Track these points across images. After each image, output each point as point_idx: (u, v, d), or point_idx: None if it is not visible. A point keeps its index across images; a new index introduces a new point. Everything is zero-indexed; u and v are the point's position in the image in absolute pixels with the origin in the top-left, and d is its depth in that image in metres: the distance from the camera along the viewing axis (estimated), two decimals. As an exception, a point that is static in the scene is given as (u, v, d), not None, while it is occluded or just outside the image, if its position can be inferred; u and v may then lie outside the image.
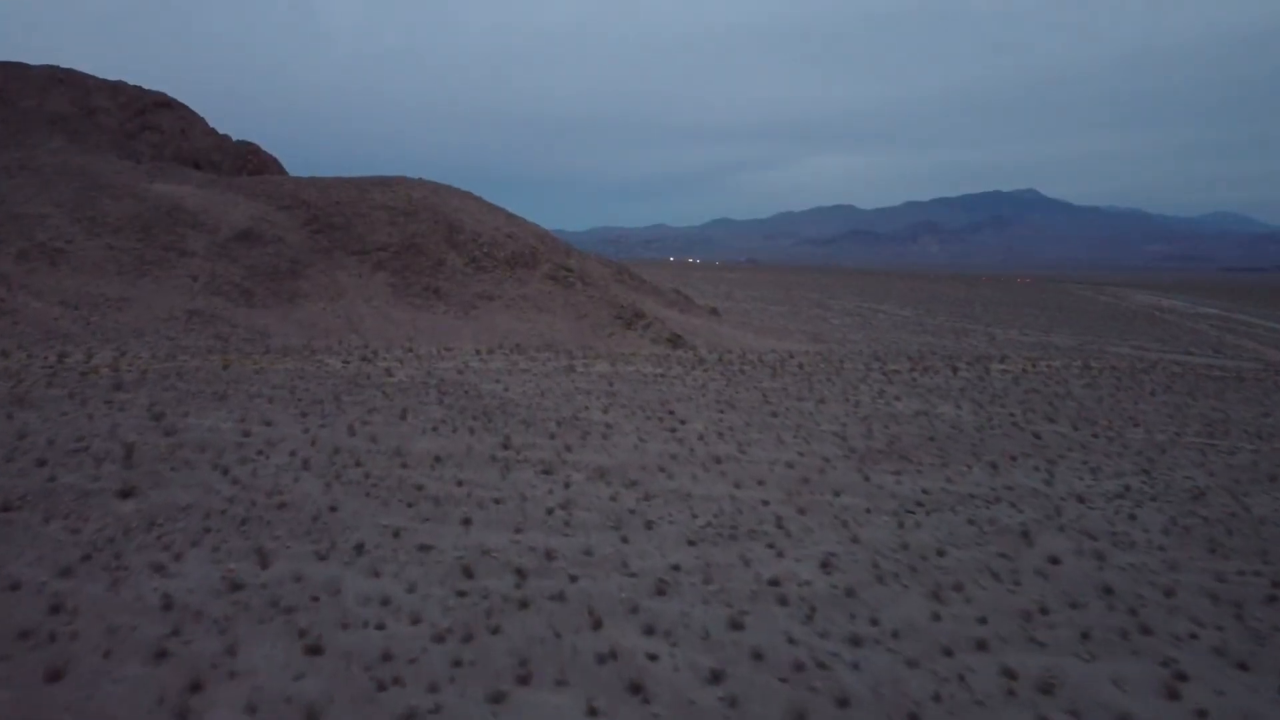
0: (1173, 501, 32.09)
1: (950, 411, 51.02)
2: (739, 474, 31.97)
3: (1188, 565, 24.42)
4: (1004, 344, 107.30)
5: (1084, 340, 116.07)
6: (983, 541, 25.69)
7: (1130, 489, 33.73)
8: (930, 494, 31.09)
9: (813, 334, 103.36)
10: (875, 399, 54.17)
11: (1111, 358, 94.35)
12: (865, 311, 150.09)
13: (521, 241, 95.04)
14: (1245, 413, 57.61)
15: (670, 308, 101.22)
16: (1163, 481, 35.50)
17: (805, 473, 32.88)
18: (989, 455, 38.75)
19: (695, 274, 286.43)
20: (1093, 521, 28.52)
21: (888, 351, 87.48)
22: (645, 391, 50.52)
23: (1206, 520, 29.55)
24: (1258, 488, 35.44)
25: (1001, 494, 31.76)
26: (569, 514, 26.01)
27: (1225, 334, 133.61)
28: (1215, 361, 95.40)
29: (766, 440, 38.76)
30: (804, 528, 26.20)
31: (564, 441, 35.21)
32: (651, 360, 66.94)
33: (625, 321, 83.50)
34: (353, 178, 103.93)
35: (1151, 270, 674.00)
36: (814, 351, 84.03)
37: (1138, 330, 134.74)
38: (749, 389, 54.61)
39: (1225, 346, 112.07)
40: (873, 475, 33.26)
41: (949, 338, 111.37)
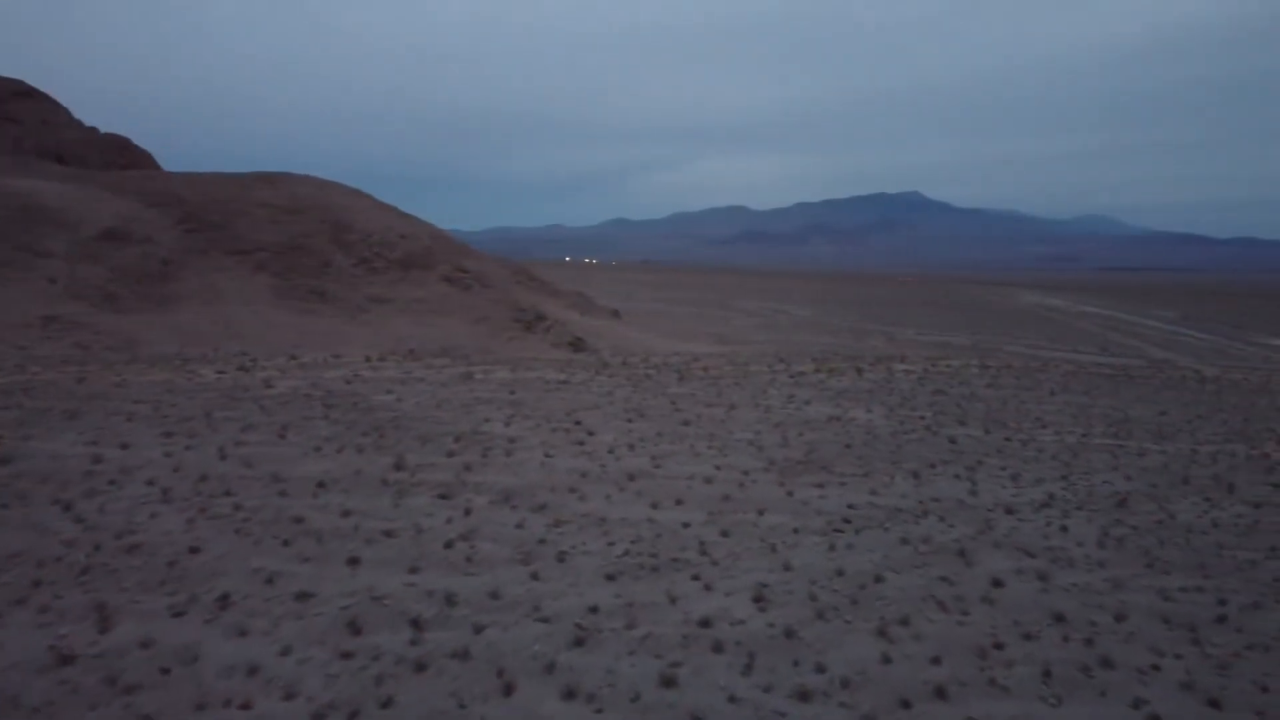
0: (1099, 510, 31.14)
1: (863, 416, 49.84)
2: (655, 492, 29.64)
3: (1131, 583, 23.16)
4: (903, 344, 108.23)
5: (979, 339, 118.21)
6: (920, 563, 23.95)
7: (1055, 497, 32.71)
8: (857, 509, 29.35)
9: (717, 335, 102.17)
10: (786, 403, 52.69)
11: (1007, 356, 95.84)
12: (767, 312, 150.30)
13: (415, 242, 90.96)
14: (1143, 411, 58.30)
15: (571, 310, 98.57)
16: (1084, 488, 34.68)
17: (725, 488, 30.78)
18: (909, 463, 37.41)
19: (595, 274, 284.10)
20: (1026, 536, 27.18)
21: (792, 353, 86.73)
22: (549, 400, 47.82)
23: (1136, 530, 28.59)
24: (1175, 492, 34.94)
25: (929, 506, 30.26)
26: (471, 547, 23.21)
27: (1109, 332, 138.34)
28: (1104, 360, 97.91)
29: (680, 452, 36.57)
30: (730, 553, 24.02)
31: (464, 460, 32.28)
32: (554, 365, 64.20)
33: (526, 325, 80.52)
34: (233, 174, 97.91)
35: (1030, 270, 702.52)
36: (719, 354, 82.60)
37: (1029, 329, 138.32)
38: (657, 395, 52.43)
39: (1111, 344, 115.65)
40: (795, 489, 31.38)
41: (849, 338, 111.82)
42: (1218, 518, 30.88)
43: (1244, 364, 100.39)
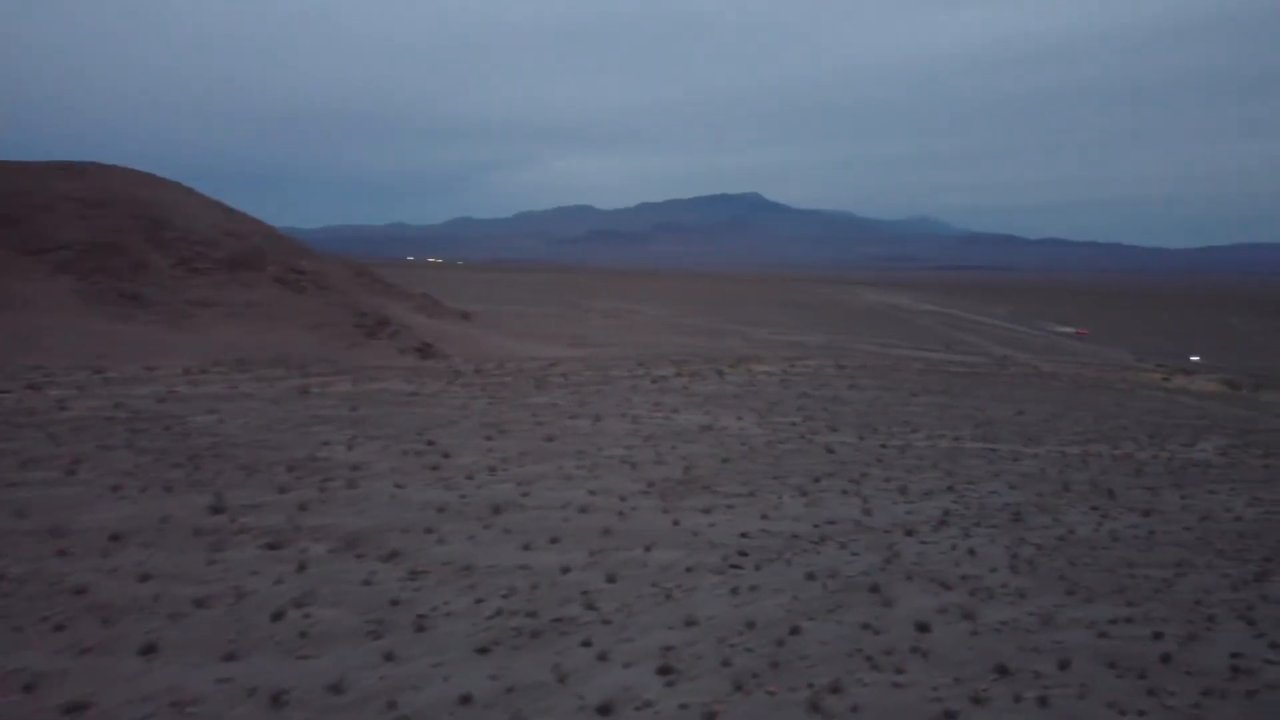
0: (997, 526, 29.46)
1: (735, 424, 47.46)
2: (526, 528, 25.90)
3: (1059, 617, 21.13)
4: (758, 343, 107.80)
5: (831, 338, 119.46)
6: (834, 605, 21.20)
7: (949, 513, 30.91)
8: (751, 538, 26.49)
9: (573, 337, 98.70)
10: (654, 412, 49.77)
11: (860, 355, 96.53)
12: (621, 312, 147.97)
13: (245, 240, 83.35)
14: (1002, 411, 58.54)
15: (419, 313, 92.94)
16: (974, 500, 33.12)
17: (604, 519, 27.34)
18: (793, 478, 35.02)
19: (442, 275, 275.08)
20: (936, 563, 24.96)
21: (651, 355, 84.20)
22: (398, 416, 43.14)
23: (1041, 549, 26.93)
24: (1062, 501, 33.88)
25: (826, 531, 27.75)
26: (307, 616, 18.88)
27: (951, 329, 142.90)
28: (952, 357, 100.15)
29: (549, 475, 32.89)
30: (622, 605, 20.59)
31: (298, 497, 27.58)
32: (401, 374, 59.13)
33: (368, 330, 74.71)
34: (30, 163, 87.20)
35: (866, 268, 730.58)
36: (578, 357, 79.13)
37: (876, 327, 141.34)
38: (517, 407, 48.47)
39: (955, 342, 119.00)
40: (681, 515, 28.27)
41: (705, 338, 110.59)
42: (1114, 530, 29.71)
43: (1076, 359, 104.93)
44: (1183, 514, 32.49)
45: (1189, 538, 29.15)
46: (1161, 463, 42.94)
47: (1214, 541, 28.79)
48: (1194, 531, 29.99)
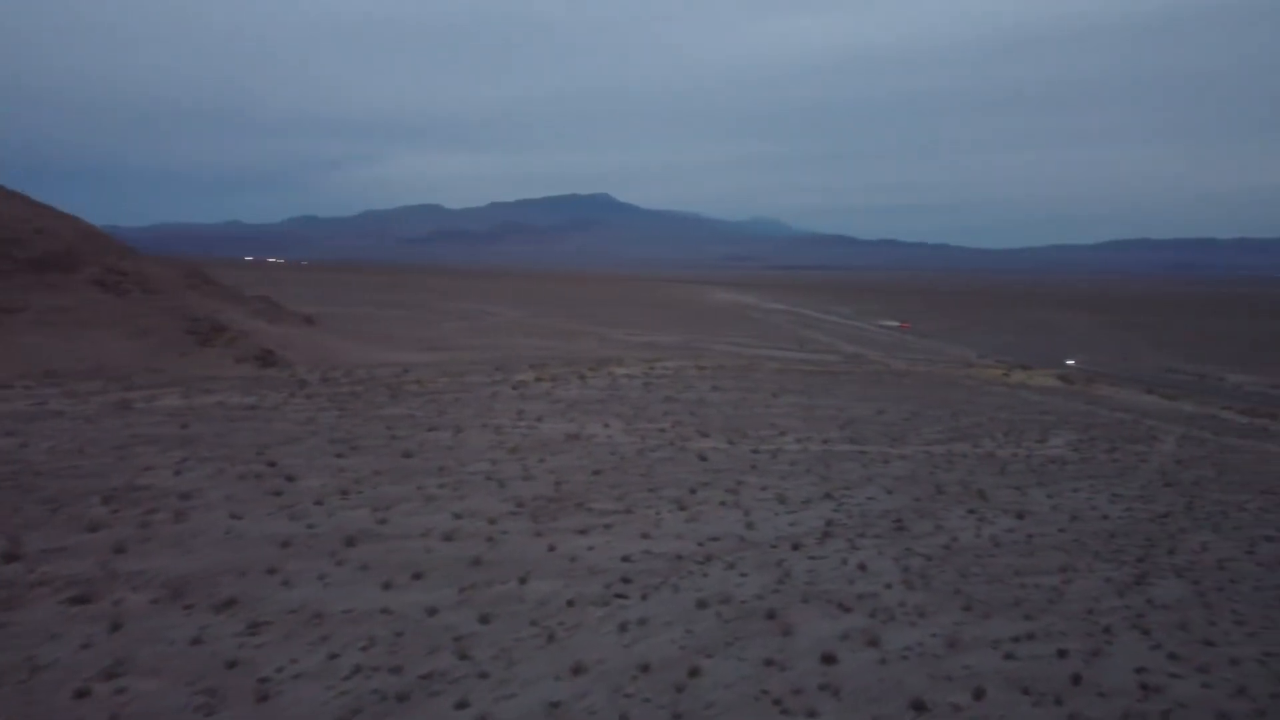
0: (882, 536, 28.64)
1: (602, 432, 45.56)
2: (385, 562, 23.16)
3: (963, 638, 20.17)
4: (615, 344, 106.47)
5: (686, 338, 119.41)
6: (732, 638, 19.55)
7: (832, 523, 29.94)
8: (633, 561, 24.60)
9: (426, 341, 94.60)
10: (517, 421, 47.29)
11: (717, 355, 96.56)
12: (474, 314, 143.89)
13: (57, 238, 75.53)
14: (863, 410, 58.93)
15: (257, 317, 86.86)
16: (854, 508, 32.34)
17: (472, 547, 24.89)
18: (669, 489, 33.40)
19: (283, 276, 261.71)
20: (829, 581, 23.73)
21: (508, 359, 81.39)
22: (235, 433, 39.13)
23: (930, 560, 26.19)
24: (939, 505, 33.56)
25: (710, 549, 26.18)
26: (121, 692, 15.72)
27: (801, 328, 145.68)
28: (806, 356, 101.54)
29: (408, 496, 30.08)
30: (500, 652, 18.29)
31: (114, 535, 23.88)
32: (239, 386, 54.38)
33: (201, 337, 68.90)
34: None
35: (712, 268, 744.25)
36: (432, 363, 75.47)
37: (729, 326, 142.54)
38: (369, 419, 45.04)
39: (807, 341, 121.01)
40: (556, 539, 26.11)
41: (561, 340, 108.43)
42: (994, 535, 29.39)
43: (923, 356, 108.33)
44: (1054, 514, 32.64)
45: (1065, 540, 29.11)
46: (1022, 460, 43.66)
47: (1088, 543, 28.83)
48: (1068, 533, 30.03)
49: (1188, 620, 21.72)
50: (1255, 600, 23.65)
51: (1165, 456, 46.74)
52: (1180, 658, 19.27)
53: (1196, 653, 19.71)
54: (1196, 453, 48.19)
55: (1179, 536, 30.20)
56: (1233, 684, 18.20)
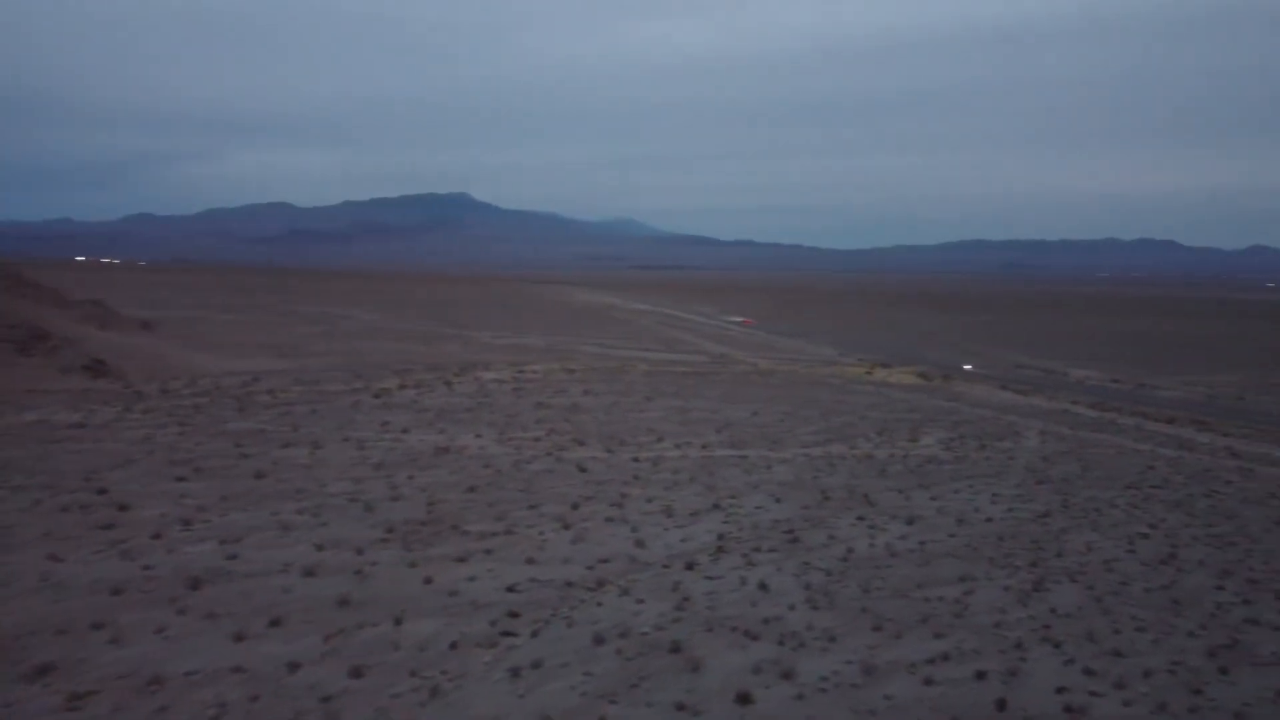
0: (777, 549, 27.52)
1: (473, 443, 43.07)
2: (236, 607, 20.34)
3: (878, 662, 19.09)
4: (480, 347, 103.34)
5: (552, 340, 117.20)
6: (637, 678, 17.82)
7: (724, 537, 28.67)
8: (520, 591, 22.55)
9: (277, 347, 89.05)
10: (381, 433, 44.25)
11: (585, 357, 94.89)
12: (330, 317, 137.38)
13: None
14: (738, 413, 58.33)
15: (87, 323, 79.70)
16: (744, 519, 31.18)
17: (338, 584, 22.28)
18: (550, 505, 31.43)
19: (117, 277, 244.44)
20: (731, 605, 22.33)
21: (368, 365, 77.36)
22: (57, 457, 34.80)
23: (830, 574, 25.21)
24: (828, 512, 32.81)
25: (601, 572, 24.40)
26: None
27: (666, 328, 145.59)
28: (674, 357, 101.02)
29: (262, 525, 27.05)
30: (376, 712, 15.98)
31: (-101, 590, 20.12)
32: (64, 401, 49.05)
33: (20, 345, 62.31)
34: None
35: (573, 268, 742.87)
36: (284, 370, 70.72)
37: (595, 327, 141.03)
38: (215, 436, 41.13)
39: (674, 341, 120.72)
40: (432, 569, 23.76)
41: (422, 343, 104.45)
42: (889, 543, 28.70)
43: (788, 355, 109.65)
44: (941, 518, 32.35)
45: (957, 545, 28.71)
46: (900, 461, 43.69)
47: (980, 548, 28.49)
48: (958, 538, 29.68)
49: (1093, 630, 21.30)
50: (1148, 603, 23.57)
51: (1031, 453, 47.77)
52: (1095, 673, 18.67)
53: (1110, 666, 19.18)
54: (1059, 448, 49.51)
55: (1063, 537, 30.29)
56: (1152, 700, 17.68)
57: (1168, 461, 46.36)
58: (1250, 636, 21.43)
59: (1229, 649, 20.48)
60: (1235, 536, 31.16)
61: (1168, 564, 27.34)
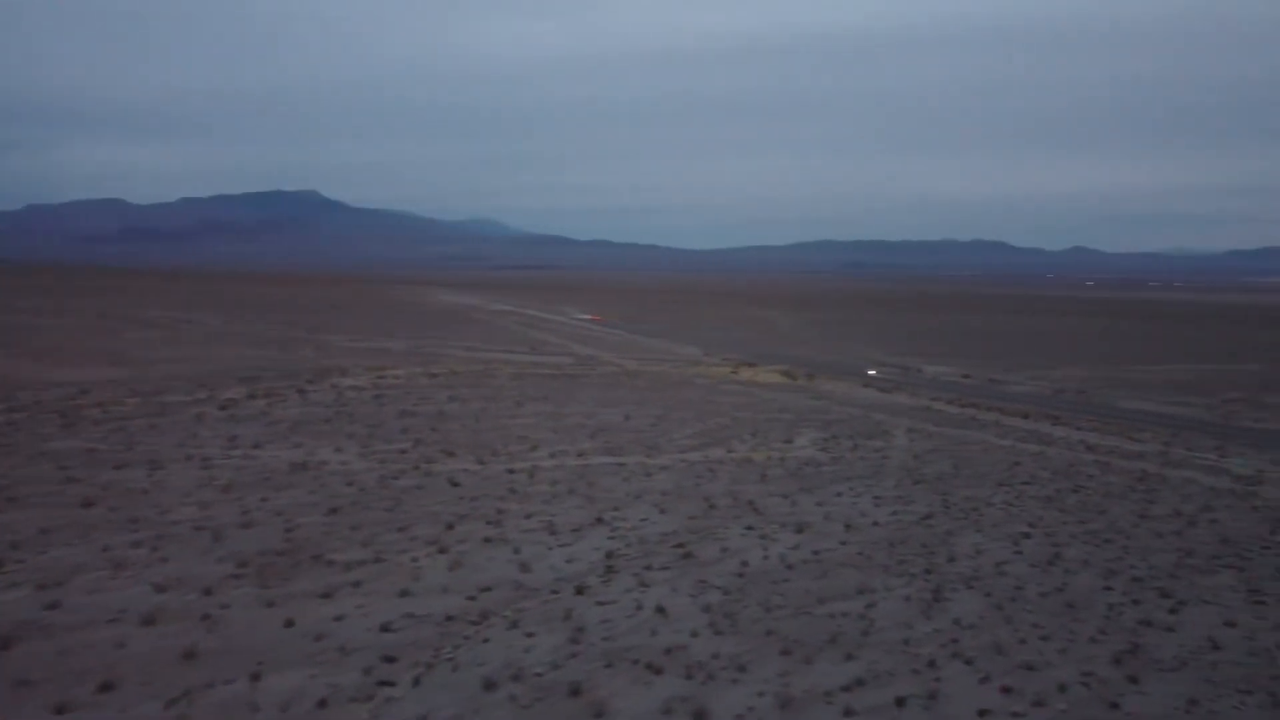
0: (669, 567, 26.17)
1: (334, 458, 40.00)
2: (57, 670, 17.37)
3: (796, 697, 18.00)
4: (336, 352, 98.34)
5: (413, 343, 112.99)
6: (536, 729, 15.93)
7: (613, 554, 27.11)
8: (395, 630, 20.33)
9: (110, 355, 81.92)
10: (229, 450, 40.58)
11: (449, 361, 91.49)
12: (170, 322, 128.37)
13: None
14: (610, 417, 56.93)
15: (-121, 331, 71.03)
16: (630, 533, 29.70)
17: (182, 633, 19.50)
18: (422, 526, 29.09)
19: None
20: (628, 634, 20.81)
21: (214, 373, 72.02)
22: None
23: (726, 592, 24.06)
24: (715, 522, 31.71)
25: (485, 602, 22.41)
26: None
27: (530, 329, 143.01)
28: (540, 359, 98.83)
29: (90, 564, 23.73)
30: (231, 796, 13.53)
31: None
32: None
33: None
34: None
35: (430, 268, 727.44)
36: (119, 380, 64.78)
37: (457, 329, 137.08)
38: (34, 458, 36.63)
39: (539, 343, 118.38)
40: (293, 609, 21.22)
41: (275, 349, 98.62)
42: (782, 554, 27.76)
43: (654, 355, 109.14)
44: (829, 524, 31.75)
45: (851, 554, 28.05)
46: (778, 464, 43.18)
47: (874, 556, 27.91)
48: (850, 545, 29.06)
49: (1000, 641, 20.77)
50: (1045, 609, 23.34)
51: (904, 452, 48.22)
52: (1012, 690, 17.98)
53: (1024, 681, 18.60)
54: (928, 446, 50.20)
55: (950, 540, 30.11)
56: (1072, 716, 17.07)
57: (1032, 457, 47.61)
58: (1148, 639, 21.36)
59: (1132, 655, 20.29)
60: (1109, 533, 31.74)
61: (1055, 565, 27.40)
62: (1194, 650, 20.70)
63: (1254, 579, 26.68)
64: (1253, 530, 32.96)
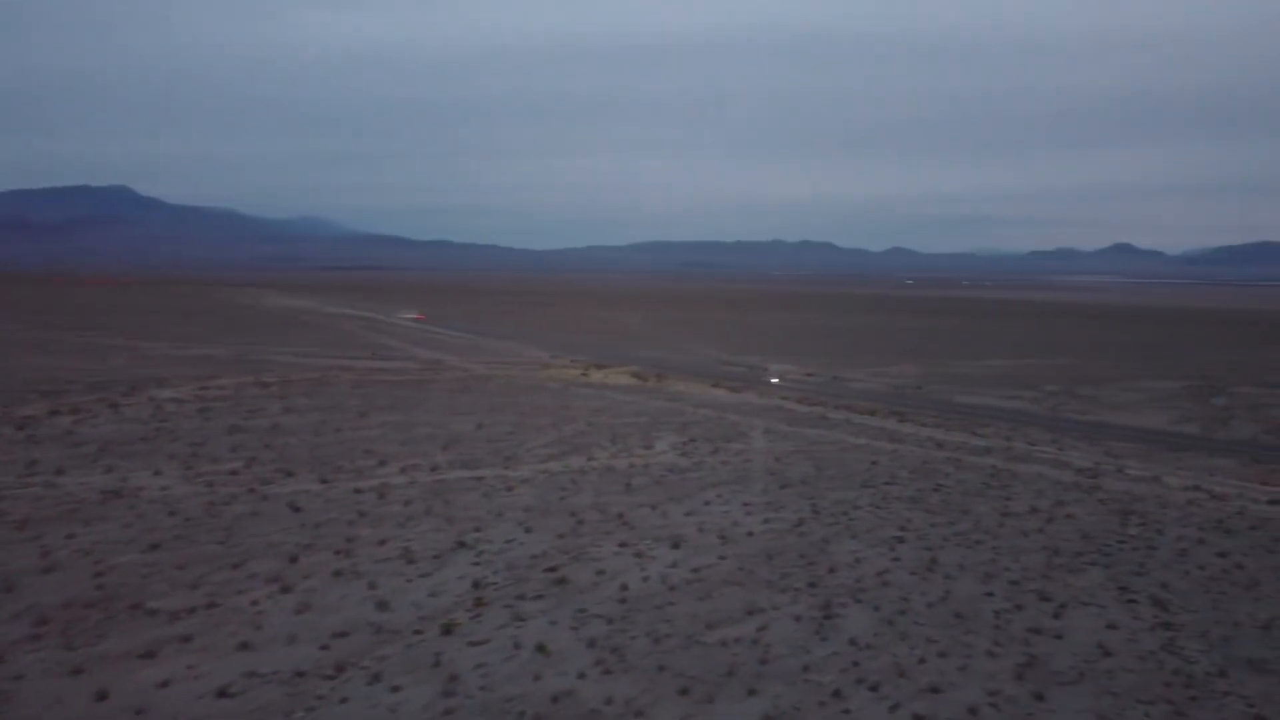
0: (544, 595, 24.10)
1: (152, 483, 35.71)
2: None
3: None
4: (156, 360, 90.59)
5: (242, 349, 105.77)
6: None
7: (481, 584, 24.85)
8: (234, 696, 17.54)
9: (-123, 370, 72.15)
10: (25, 478, 35.47)
11: (281, 368, 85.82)
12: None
13: None
14: (463, 426, 54.02)
15: None
16: (496, 557, 27.41)
17: (-37, 715, 15.98)
18: (261, 560, 25.90)
19: None
20: (508, 679, 18.71)
21: (8, 388, 64.41)
22: None
23: (611, 622, 22.27)
24: (585, 540, 29.84)
25: (340, 653, 19.75)
26: None
27: (369, 333, 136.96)
28: (382, 364, 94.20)
29: None
30: None
31: None
32: None
33: None
34: None
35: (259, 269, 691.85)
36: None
37: (291, 334, 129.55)
38: None
39: (380, 348, 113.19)
40: (105, 675, 17.98)
41: (82, 357, 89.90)
42: (662, 574, 26.17)
43: (499, 358, 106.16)
44: (703, 537, 30.48)
45: (731, 569, 26.80)
46: (641, 471, 41.81)
47: (755, 570, 26.77)
48: (729, 559, 27.83)
49: (900, 663, 19.89)
50: (936, 621, 22.71)
51: (764, 454, 47.78)
52: (925, 718, 16.93)
53: (934, 708, 17.69)
54: (786, 447, 50.00)
55: (827, 549, 29.37)
56: (989, 745, 16.18)
57: (887, 455, 48.06)
58: (1041, 648, 20.97)
59: (1030, 668, 19.79)
60: (978, 534, 31.84)
61: (933, 571, 27.00)
62: (1087, 658, 20.39)
63: (1120, 576, 27.08)
64: (1105, 524, 33.86)
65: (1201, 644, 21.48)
